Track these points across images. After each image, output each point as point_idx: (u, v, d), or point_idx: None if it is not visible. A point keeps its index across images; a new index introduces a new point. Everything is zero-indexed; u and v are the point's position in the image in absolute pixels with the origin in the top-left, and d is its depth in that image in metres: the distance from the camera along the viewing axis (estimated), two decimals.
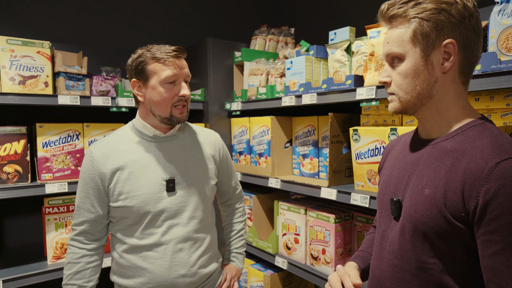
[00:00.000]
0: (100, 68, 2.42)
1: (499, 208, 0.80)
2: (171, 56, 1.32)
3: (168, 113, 1.37)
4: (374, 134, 1.63)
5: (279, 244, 2.20)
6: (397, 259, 1.00)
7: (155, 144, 1.42)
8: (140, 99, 1.39)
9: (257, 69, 2.44)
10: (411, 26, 0.92)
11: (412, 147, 1.07)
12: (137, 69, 1.35)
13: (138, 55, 1.35)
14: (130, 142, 1.42)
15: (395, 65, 0.98)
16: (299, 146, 2.24)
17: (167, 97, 1.34)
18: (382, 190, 1.13)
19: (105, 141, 1.42)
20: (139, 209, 1.35)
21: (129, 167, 1.37)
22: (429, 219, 0.91)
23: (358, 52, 1.82)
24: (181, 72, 1.35)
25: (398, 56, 0.96)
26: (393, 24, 0.97)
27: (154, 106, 1.36)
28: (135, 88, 1.38)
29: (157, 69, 1.32)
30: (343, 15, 2.68)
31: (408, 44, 0.94)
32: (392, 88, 1.00)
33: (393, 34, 0.97)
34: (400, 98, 0.98)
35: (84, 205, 1.38)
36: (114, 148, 1.39)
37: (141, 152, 1.40)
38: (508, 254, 0.80)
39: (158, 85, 1.33)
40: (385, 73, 1.01)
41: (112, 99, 2.21)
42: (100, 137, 2.27)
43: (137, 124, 1.44)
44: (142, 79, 1.35)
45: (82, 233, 1.40)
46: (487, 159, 0.84)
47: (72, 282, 1.38)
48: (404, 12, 0.93)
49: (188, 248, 1.41)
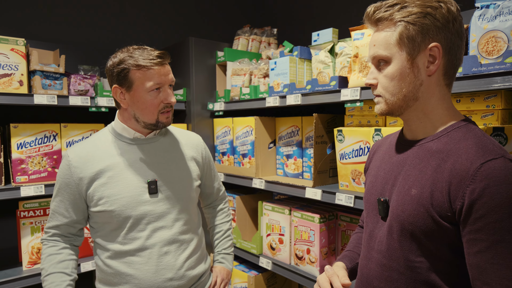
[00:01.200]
0: (78, 67, 2.35)
1: (484, 208, 0.82)
2: (155, 63, 1.27)
3: (154, 119, 1.34)
4: (358, 135, 1.65)
5: (263, 244, 2.20)
6: (385, 258, 1.01)
7: (136, 146, 1.39)
8: (123, 106, 1.34)
9: (240, 69, 2.43)
10: (397, 30, 0.94)
11: (398, 148, 1.08)
12: (119, 75, 1.29)
13: (120, 60, 1.29)
14: (109, 145, 1.38)
15: (381, 68, 0.99)
16: (283, 147, 2.25)
17: (153, 104, 1.31)
18: (368, 191, 1.14)
19: (83, 145, 1.38)
20: (121, 213, 1.31)
21: (108, 170, 1.33)
22: (416, 218, 0.93)
23: (342, 54, 1.84)
24: (166, 78, 1.31)
25: (384, 59, 0.97)
26: (379, 27, 0.98)
27: (139, 113, 1.33)
28: (117, 94, 1.33)
29: (141, 77, 1.27)
30: (325, 16, 2.71)
31: (394, 47, 0.95)
32: (379, 90, 1.01)
33: (379, 37, 0.98)
34: (387, 100, 1.00)
35: (59, 209, 1.36)
36: (92, 152, 1.35)
37: (120, 155, 1.36)
38: (493, 252, 0.82)
39: (143, 93, 1.29)
40: (371, 75, 1.02)
41: (91, 98, 2.15)
42: (79, 138, 2.20)
43: (117, 127, 1.40)
44: (124, 86, 1.30)
45: (55, 235, 1.39)
46: (472, 160, 0.86)
47: (57, 270, 1.33)
48: (390, 15, 0.95)
49: (174, 251, 1.38)
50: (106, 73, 1.35)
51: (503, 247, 0.81)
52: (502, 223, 0.81)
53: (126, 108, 1.34)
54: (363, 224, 1.32)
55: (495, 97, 1.27)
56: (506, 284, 0.81)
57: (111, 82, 1.34)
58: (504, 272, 0.82)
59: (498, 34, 1.17)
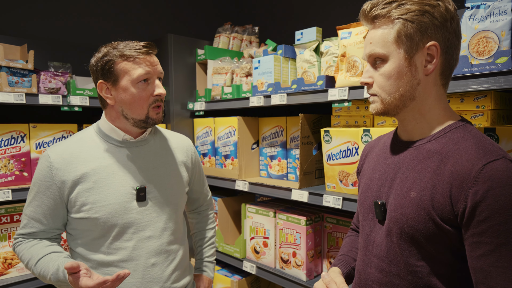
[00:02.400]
0: (48, 64, 2.20)
1: (488, 210, 0.80)
2: (142, 52, 1.20)
3: (144, 115, 1.24)
4: (346, 135, 1.62)
5: (247, 248, 2.14)
6: (385, 263, 0.98)
7: (125, 149, 1.29)
8: (110, 102, 1.24)
9: (222, 68, 2.36)
10: (395, 27, 0.91)
11: (393, 149, 1.06)
12: (104, 69, 1.20)
13: (104, 53, 1.21)
14: (95, 147, 1.27)
15: (378, 66, 0.96)
16: (266, 147, 2.20)
17: (142, 97, 1.22)
18: (363, 193, 1.11)
19: (65, 145, 1.26)
20: (106, 221, 1.21)
21: (94, 174, 1.23)
22: (416, 222, 0.90)
23: (328, 53, 1.81)
24: (154, 69, 1.23)
25: (381, 57, 0.94)
26: (376, 24, 0.95)
27: (128, 109, 1.23)
28: (103, 90, 1.24)
29: (128, 68, 1.19)
30: (306, 15, 2.68)
31: (392, 45, 0.92)
32: (374, 89, 0.98)
33: (376, 34, 0.95)
34: (383, 99, 0.97)
35: (36, 215, 1.23)
36: (76, 154, 1.24)
37: (108, 158, 1.26)
38: (498, 255, 0.81)
39: (130, 85, 1.20)
40: (367, 73, 0.99)
41: (63, 97, 2.01)
42: (49, 139, 2.06)
43: (104, 127, 1.30)
44: (110, 80, 1.21)
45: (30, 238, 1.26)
46: (473, 161, 0.84)
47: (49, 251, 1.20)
48: (387, 12, 0.92)
49: (161, 263, 1.30)
50: (91, 70, 1.26)
51: (508, 250, 0.80)
52: (506, 226, 0.80)
53: (113, 105, 1.25)
54: (357, 228, 1.28)
55: (485, 98, 1.27)
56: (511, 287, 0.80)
57: (96, 79, 1.25)
58: (509, 275, 0.80)
59: (489, 34, 1.17)
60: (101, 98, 1.28)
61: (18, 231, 1.26)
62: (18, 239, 1.26)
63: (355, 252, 1.21)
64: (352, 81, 1.57)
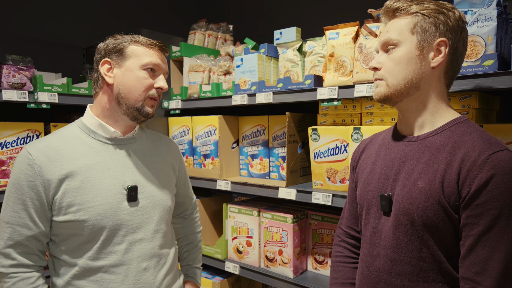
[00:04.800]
0: (6, 57, 2.01)
1: (488, 195, 0.88)
2: (157, 45, 1.22)
3: (140, 102, 1.18)
4: (335, 133, 1.66)
5: (229, 248, 2.12)
6: (394, 253, 1.02)
7: (112, 146, 1.22)
8: (109, 80, 1.18)
9: (199, 66, 2.31)
10: (413, 20, 0.99)
11: (395, 144, 1.10)
12: (115, 48, 1.19)
13: (119, 37, 1.20)
14: (80, 143, 1.18)
15: (390, 52, 1.03)
16: (247, 146, 2.18)
17: (143, 84, 1.18)
18: (365, 187, 1.15)
19: (47, 142, 1.16)
20: (95, 223, 1.13)
21: (81, 173, 1.14)
22: (426, 210, 0.95)
23: (312, 53, 1.85)
24: (163, 65, 1.23)
25: (395, 43, 1.01)
26: (396, 15, 1.03)
27: (125, 91, 1.17)
28: (104, 68, 1.19)
29: (140, 52, 1.18)
30: (277, 15, 2.71)
31: (407, 33, 1.00)
32: (381, 73, 1.04)
33: (394, 24, 1.03)
34: (389, 83, 1.03)
35: (21, 220, 1.10)
36: (60, 151, 1.15)
37: (95, 156, 1.18)
38: (487, 235, 0.89)
39: (137, 68, 1.18)
40: (377, 59, 1.06)
41: (29, 93, 1.85)
42: (13, 139, 1.88)
43: (90, 123, 1.22)
44: (117, 59, 1.18)
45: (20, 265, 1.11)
46: (480, 151, 0.91)
47: None
48: (408, 6, 1.01)
49: (153, 267, 1.23)
50: (97, 51, 1.22)
51: (496, 232, 0.88)
52: (500, 210, 0.87)
53: (111, 85, 1.19)
54: (353, 233, 1.26)
55: (470, 98, 1.37)
56: (492, 265, 0.88)
57: (99, 58, 1.21)
58: (492, 254, 0.88)
59: (476, 38, 1.26)
60: (97, 81, 1.22)
61: (2, 248, 1.10)
62: (5, 270, 1.10)
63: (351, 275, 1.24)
64: (341, 80, 1.61)
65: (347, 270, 1.25)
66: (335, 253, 1.30)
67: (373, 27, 1.55)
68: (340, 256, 1.28)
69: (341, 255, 1.28)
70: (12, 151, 1.87)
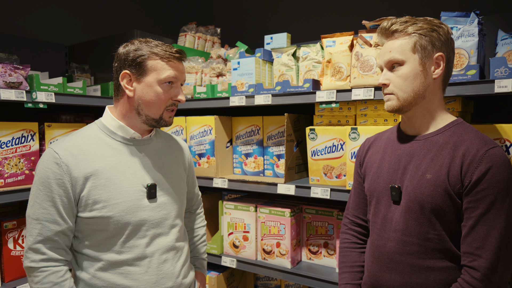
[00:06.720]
0: None
1: (486, 183, 1.08)
2: (175, 57, 1.25)
3: (158, 115, 1.27)
4: (332, 133, 1.81)
5: (225, 244, 2.20)
6: (404, 235, 1.18)
7: (133, 147, 1.30)
8: (129, 94, 1.24)
9: (192, 67, 2.37)
10: (412, 39, 1.15)
11: (401, 142, 1.28)
12: (134, 61, 1.21)
13: (137, 46, 1.22)
14: (102, 144, 1.25)
15: (395, 70, 1.18)
16: (241, 146, 2.28)
17: (162, 98, 1.25)
18: (374, 180, 1.31)
19: (72, 142, 1.22)
20: (120, 219, 1.21)
21: (105, 172, 1.21)
22: (435, 198, 1.13)
23: (307, 58, 1.99)
24: (181, 75, 1.28)
25: (399, 62, 1.17)
26: (395, 36, 1.18)
27: (144, 105, 1.24)
28: (125, 80, 1.23)
29: (159, 67, 1.22)
30: (259, 20, 2.83)
31: (409, 52, 1.16)
32: (391, 88, 1.20)
33: (394, 44, 1.18)
34: (399, 97, 1.19)
35: (50, 216, 1.15)
36: (85, 150, 1.21)
37: (117, 156, 1.25)
38: (486, 216, 1.08)
39: (156, 83, 1.23)
40: (384, 76, 1.21)
41: (27, 93, 1.82)
42: (8, 139, 1.84)
43: (110, 124, 1.28)
44: (137, 72, 1.22)
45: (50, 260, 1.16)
46: (478, 148, 1.11)
47: None
48: (404, 28, 1.17)
49: (172, 259, 1.33)
50: (117, 57, 1.25)
51: (493, 213, 1.07)
52: (496, 196, 1.07)
53: (130, 98, 1.24)
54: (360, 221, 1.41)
55: (454, 102, 1.57)
56: (490, 241, 1.07)
57: (119, 67, 1.24)
58: (490, 231, 1.07)
59: (461, 51, 1.46)
60: (118, 89, 1.27)
61: (29, 241, 1.15)
62: (39, 263, 1.15)
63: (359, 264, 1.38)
64: (338, 84, 1.77)
65: (355, 255, 1.40)
66: (342, 240, 1.45)
67: (368, 37, 1.72)
68: (348, 243, 1.43)
69: (348, 241, 1.43)
70: (7, 151, 1.83)
